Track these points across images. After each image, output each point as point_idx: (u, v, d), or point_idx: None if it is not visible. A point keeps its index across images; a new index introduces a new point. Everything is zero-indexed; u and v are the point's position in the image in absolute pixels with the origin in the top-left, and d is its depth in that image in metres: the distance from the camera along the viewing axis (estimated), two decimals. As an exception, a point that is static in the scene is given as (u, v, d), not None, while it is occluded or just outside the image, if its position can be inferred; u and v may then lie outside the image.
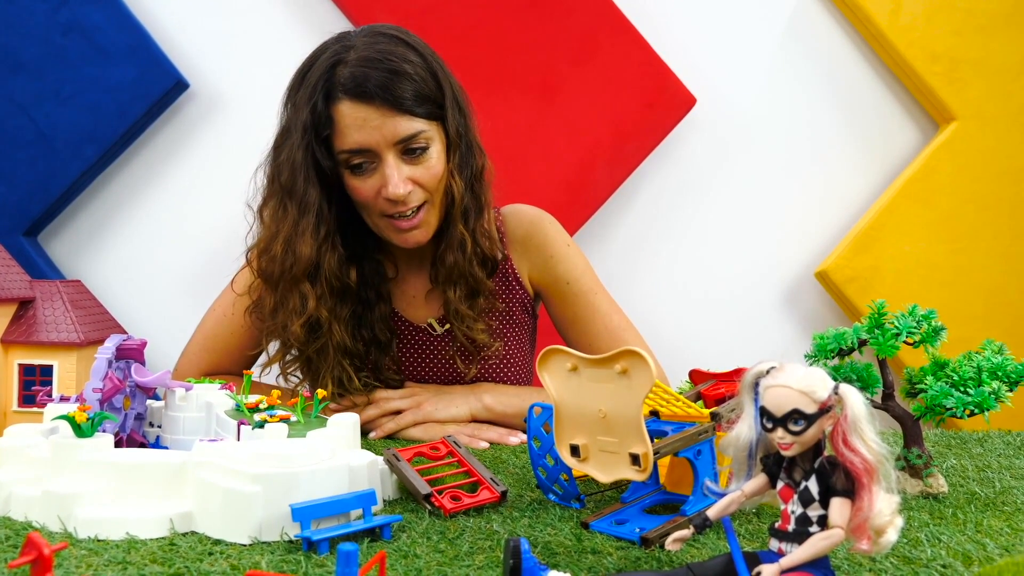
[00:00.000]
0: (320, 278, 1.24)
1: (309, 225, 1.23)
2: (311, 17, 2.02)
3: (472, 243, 1.29)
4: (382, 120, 1.19)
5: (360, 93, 1.19)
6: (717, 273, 2.13)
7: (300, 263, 1.22)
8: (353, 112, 1.20)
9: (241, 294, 1.34)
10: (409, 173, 1.22)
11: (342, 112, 1.20)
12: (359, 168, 1.23)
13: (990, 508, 0.87)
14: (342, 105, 1.20)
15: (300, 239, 1.22)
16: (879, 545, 0.55)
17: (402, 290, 1.39)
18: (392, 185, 1.21)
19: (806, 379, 0.56)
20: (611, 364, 0.71)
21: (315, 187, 1.23)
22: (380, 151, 1.21)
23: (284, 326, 1.24)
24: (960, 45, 2.04)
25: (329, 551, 0.71)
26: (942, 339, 0.92)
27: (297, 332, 1.23)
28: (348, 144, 1.21)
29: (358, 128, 1.20)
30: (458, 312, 1.30)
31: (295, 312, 1.23)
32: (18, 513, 0.78)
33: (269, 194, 1.28)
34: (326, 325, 1.24)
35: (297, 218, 1.23)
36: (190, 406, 0.96)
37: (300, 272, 1.23)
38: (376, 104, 1.19)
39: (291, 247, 1.23)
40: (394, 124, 1.20)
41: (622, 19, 2.00)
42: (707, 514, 0.61)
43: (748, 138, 2.11)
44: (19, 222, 1.92)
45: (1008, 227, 2.07)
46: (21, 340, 1.08)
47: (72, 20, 1.90)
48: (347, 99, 1.20)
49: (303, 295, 1.23)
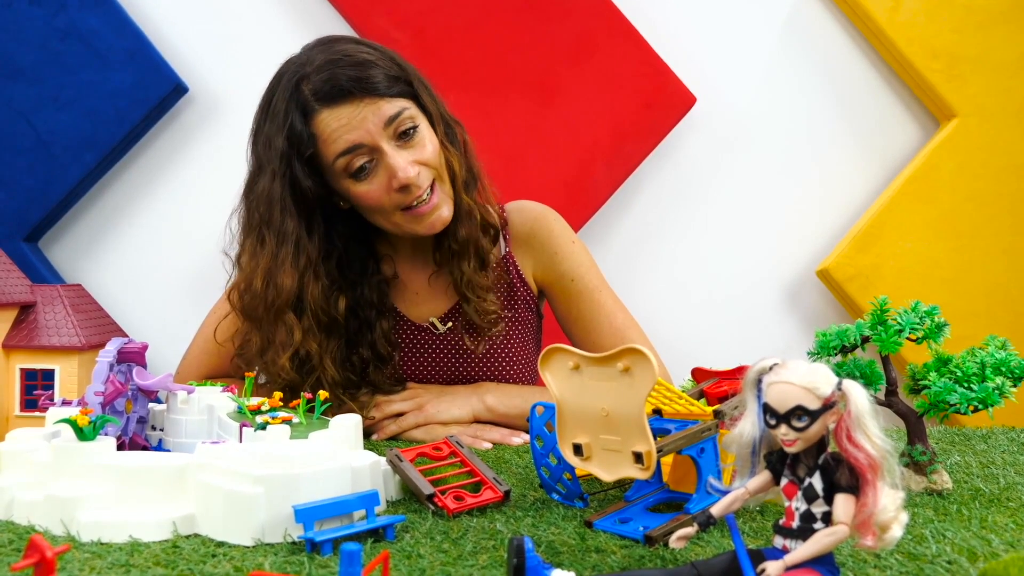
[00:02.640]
0: (306, 310, 1.22)
1: (288, 255, 1.21)
2: (310, 20, 2.02)
3: (477, 210, 1.30)
4: (366, 111, 1.19)
5: (336, 95, 1.18)
6: (718, 272, 2.12)
7: (282, 294, 1.20)
8: (336, 115, 1.19)
9: (223, 342, 1.31)
10: (410, 156, 1.22)
11: (324, 122, 1.19)
12: (362, 171, 1.21)
13: (995, 504, 0.87)
14: (322, 115, 1.19)
15: (280, 270, 1.20)
16: (884, 541, 0.55)
17: (402, 290, 1.39)
18: (401, 171, 1.20)
19: (809, 375, 0.56)
20: (613, 362, 0.70)
21: (292, 218, 1.21)
22: (376, 143, 1.20)
23: (272, 363, 1.21)
24: (960, 42, 2.04)
25: (332, 552, 0.71)
26: (945, 335, 0.92)
27: (285, 366, 1.20)
28: (342, 147, 1.20)
29: (347, 128, 1.19)
30: (471, 283, 1.30)
31: (282, 346, 1.20)
32: (21, 517, 0.78)
33: (246, 234, 1.26)
34: (316, 359, 1.22)
35: (275, 249, 1.21)
36: (192, 409, 0.96)
37: (283, 303, 1.20)
38: (355, 99, 1.19)
39: (272, 279, 1.21)
40: (377, 109, 1.19)
41: (621, 19, 2.00)
42: (711, 512, 0.60)
43: (748, 137, 2.11)
44: (19, 228, 1.92)
45: (1009, 223, 2.07)
46: (23, 345, 1.08)
47: (70, 25, 1.90)
48: (325, 107, 1.19)
49: (288, 327, 1.21)
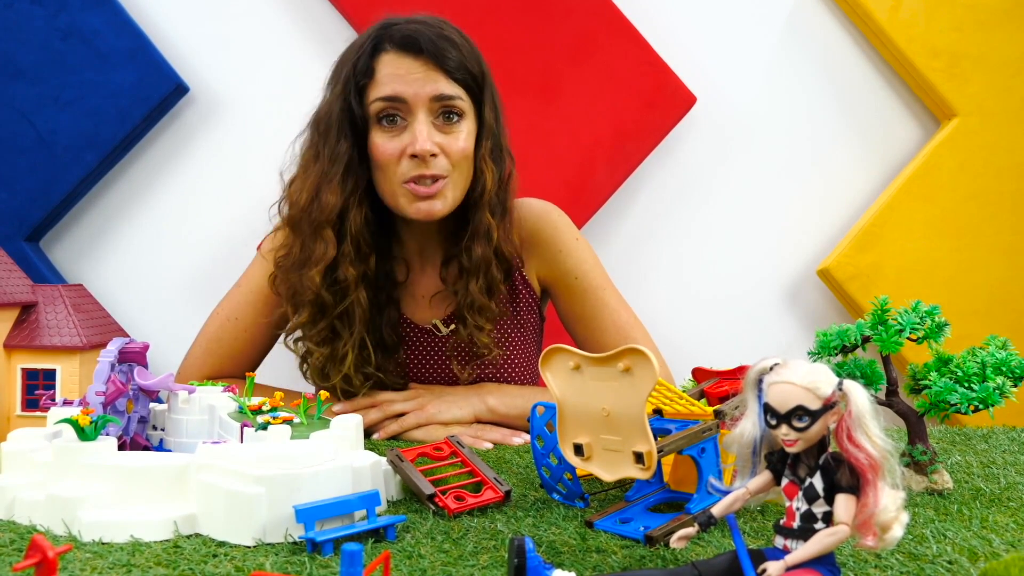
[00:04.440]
0: (346, 233, 1.24)
1: (337, 175, 1.23)
2: (311, 20, 2.02)
3: (497, 234, 1.29)
4: (425, 74, 1.21)
5: (409, 45, 1.21)
6: (719, 271, 2.12)
7: (325, 210, 1.22)
8: (397, 62, 1.22)
9: (266, 253, 1.34)
10: (438, 139, 1.23)
11: (385, 62, 1.22)
12: (389, 119, 1.23)
13: (995, 504, 0.87)
14: (387, 55, 1.22)
15: (327, 187, 1.23)
16: (884, 541, 0.55)
17: (409, 292, 1.39)
18: (421, 140, 1.20)
19: (810, 375, 0.56)
20: (614, 362, 0.71)
21: (346, 140, 1.24)
22: (414, 106, 1.21)
23: (307, 277, 1.23)
24: (960, 41, 2.04)
25: (333, 552, 0.71)
26: (946, 335, 0.92)
27: (316, 280, 1.21)
28: (385, 91, 1.22)
29: (399, 78, 1.21)
30: (474, 305, 1.29)
31: (318, 260, 1.23)
32: (22, 517, 0.78)
33: (308, 139, 1.29)
34: (353, 285, 1.24)
35: (327, 167, 1.24)
36: (193, 409, 0.96)
37: (325, 219, 1.23)
38: (423, 59, 1.21)
39: (318, 194, 1.23)
40: (435, 80, 1.21)
41: (621, 18, 2.00)
42: (712, 512, 0.60)
43: (749, 136, 2.11)
44: (20, 227, 1.92)
45: (1010, 223, 2.06)
46: (24, 344, 1.08)
47: (71, 25, 1.90)
48: (394, 50, 1.22)
49: (325, 242, 1.23)
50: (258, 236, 1.46)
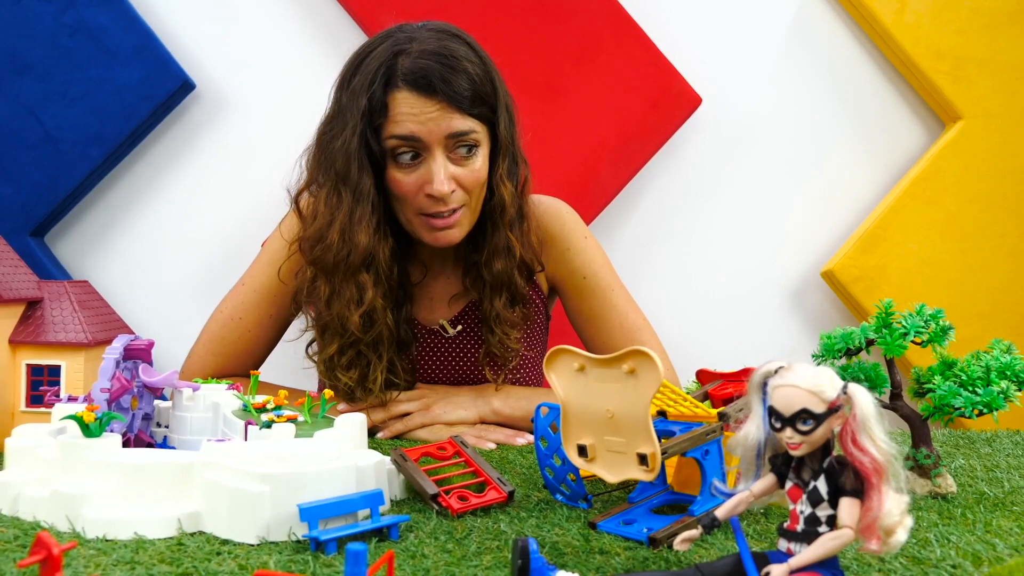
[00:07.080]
0: (376, 268, 1.24)
1: (365, 214, 1.22)
2: (318, 18, 2.02)
3: (518, 247, 1.29)
4: (439, 114, 1.20)
5: (422, 85, 1.19)
6: (723, 273, 2.12)
7: (357, 252, 1.22)
8: (411, 102, 1.20)
9: (290, 240, 1.32)
10: (454, 172, 1.22)
11: (399, 100, 1.20)
12: (405, 157, 1.22)
13: (999, 508, 0.87)
14: (400, 94, 1.20)
15: (357, 227, 1.22)
16: (888, 545, 0.55)
17: (421, 293, 1.39)
18: (437, 182, 1.20)
19: (815, 379, 0.56)
20: (618, 364, 0.71)
21: (369, 176, 1.23)
22: (431, 145, 1.21)
23: (341, 317, 1.23)
24: (966, 43, 2.04)
25: (337, 551, 0.71)
26: (950, 338, 0.92)
27: (356, 323, 1.22)
28: (401, 131, 1.20)
29: (414, 118, 1.20)
30: (500, 318, 1.29)
31: (352, 302, 1.23)
32: (27, 513, 0.78)
33: (323, 181, 1.27)
34: (380, 314, 1.24)
35: (352, 206, 1.23)
36: (197, 406, 0.96)
37: (357, 262, 1.22)
38: (437, 98, 1.19)
39: (348, 236, 1.22)
40: (449, 120, 1.20)
41: (627, 18, 2.00)
42: (715, 514, 0.60)
43: (753, 138, 2.11)
44: (26, 223, 1.92)
45: (1015, 226, 2.06)
46: (29, 340, 1.08)
47: (78, 21, 1.90)
48: (407, 89, 1.20)
49: (360, 285, 1.23)
50: (263, 233, 1.46)
